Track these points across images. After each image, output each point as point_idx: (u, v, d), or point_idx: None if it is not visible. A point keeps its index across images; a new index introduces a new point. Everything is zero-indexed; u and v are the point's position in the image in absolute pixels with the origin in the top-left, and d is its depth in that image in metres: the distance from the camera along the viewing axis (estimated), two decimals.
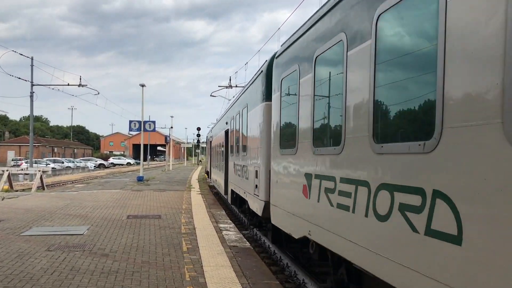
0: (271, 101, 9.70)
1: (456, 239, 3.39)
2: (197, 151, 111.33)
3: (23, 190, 28.06)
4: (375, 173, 4.69)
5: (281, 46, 9.05)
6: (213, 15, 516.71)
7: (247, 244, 10.53)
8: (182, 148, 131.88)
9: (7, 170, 27.94)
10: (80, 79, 39.00)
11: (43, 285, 6.79)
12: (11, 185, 27.56)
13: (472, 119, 3.29)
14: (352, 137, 5.28)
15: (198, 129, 58.05)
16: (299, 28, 7.75)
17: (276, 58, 9.26)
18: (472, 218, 3.26)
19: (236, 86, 33.52)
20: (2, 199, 18.80)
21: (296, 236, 7.56)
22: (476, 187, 3.22)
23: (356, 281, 5.97)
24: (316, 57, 6.52)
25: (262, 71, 10.67)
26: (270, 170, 9.50)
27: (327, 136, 6.21)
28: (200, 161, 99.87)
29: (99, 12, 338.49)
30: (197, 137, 61.18)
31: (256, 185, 10.76)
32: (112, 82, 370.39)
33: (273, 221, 9.30)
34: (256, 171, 10.76)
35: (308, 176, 6.83)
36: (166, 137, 67.95)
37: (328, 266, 6.79)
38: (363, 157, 4.96)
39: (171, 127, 69.10)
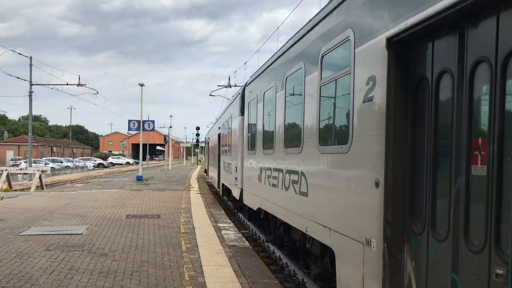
0: (244, 115, 13.18)
1: (306, 195, 6.73)
2: (196, 150, 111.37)
3: (22, 189, 28.03)
4: (285, 164, 7.94)
5: (250, 77, 12.53)
6: (212, 14, 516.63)
7: (247, 244, 10.53)
8: (181, 148, 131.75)
9: (6, 170, 27.90)
10: (79, 78, 38.96)
11: (42, 284, 6.78)
12: (10, 185, 27.54)
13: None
14: (278, 145, 8.61)
15: (197, 128, 57.94)
16: (260, 67, 11.02)
17: (246, 86, 12.97)
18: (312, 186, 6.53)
19: (235, 86, 33.52)
20: (1, 199, 18.78)
21: (255, 208, 11.19)
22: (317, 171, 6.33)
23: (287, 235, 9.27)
24: (264, 92, 9.98)
25: (239, 93, 14.28)
26: (243, 166, 12.94)
27: (268, 144, 9.54)
28: (200, 160, 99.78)
29: (98, 12, 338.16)
30: (196, 137, 61.19)
31: (236, 177, 14.12)
32: (111, 82, 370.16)
33: (244, 202, 12.83)
34: (236, 167, 14.12)
35: (260, 168, 10.20)
36: (165, 136, 67.93)
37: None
38: (280, 155, 8.33)
39: (170, 127, 69.11)
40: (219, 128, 22.45)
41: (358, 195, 4.88)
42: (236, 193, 14.31)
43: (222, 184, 19.98)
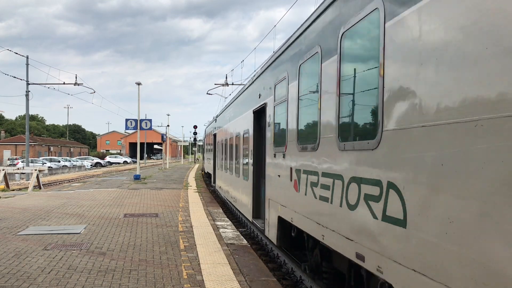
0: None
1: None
2: (194, 149, 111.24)
3: (20, 189, 27.98)
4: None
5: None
6: (209, 13, 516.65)
7: (244, 242, 10.55)
8: (179, 146, 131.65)
9: (3, 170, 27.84)
10: (76, 77, 38.86)
11: (40, 284, 6.79)
12: (7, 185, 27.49)
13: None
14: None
15: (195, 127, 58.08)
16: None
17: (206, 127, 29.71)
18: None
19: (233, 84, 33.48)
20: None
21: (206, 171, 29.00)
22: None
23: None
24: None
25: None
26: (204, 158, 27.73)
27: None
28: (197, 159, 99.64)
29: (95, 11, 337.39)
30: (193, 135, 61.17)
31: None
32: (108, 81, 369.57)
33: (205, 170, 33.25)
34: (204, 158, 29.31)
35: (205, 158, 27.86)
36: (162, 135, 67.82)
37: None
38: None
39: (168, 126, 69.11)
40: (211, 132, 26.18)
41: None
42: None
43: (209, 173, 25.02)
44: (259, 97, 11.16)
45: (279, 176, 8.68)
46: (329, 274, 6.82)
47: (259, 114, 11.39)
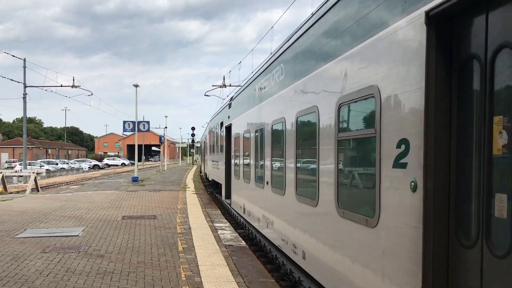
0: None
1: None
2: (192, 150, 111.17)
3: (18, 192, 27.91)
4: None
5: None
6: (207, 15, 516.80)
7: (243, 243, 10.55)
8: (177, 148, 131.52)
9: (0, 172, 27.78)
10: (73, 80, 38.83)
11: (39, 287, 6.78)
12: (5, 188, 27.42)
13: None
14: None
15: (193, 128, 58.11)
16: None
17: (209, 121, 30.95)
18: None
19: (230, 85, 33.47)
20: None
21: (210, 179, 27.89)
22: None
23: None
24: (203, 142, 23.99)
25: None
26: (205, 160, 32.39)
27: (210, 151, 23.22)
28: (195, 160, 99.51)
29: (93, 13, 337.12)
30: (191, 137, 61.16)
31: (205, 165, 34.53)
32: (106, 83, 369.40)
33: (209, 178, 29.13)
34: (205, 160, 33.96)
35: (209, 161, 28.71)
36: (160, 137, 67.82)
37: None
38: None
39: (166, 127, 69.05)
40: (206, 137, 29.48)
41: None
42: (206, 174, 30.21)
43: (205, 172, 31.43)
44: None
45: None
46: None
47: None
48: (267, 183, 9.83)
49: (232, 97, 17.44)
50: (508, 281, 2.97)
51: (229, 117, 17.44)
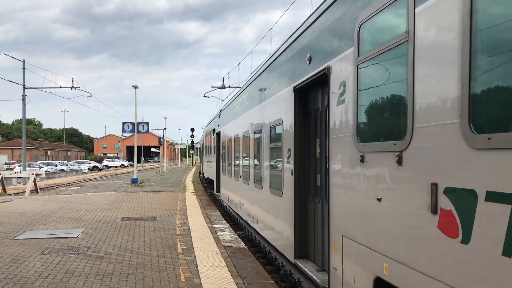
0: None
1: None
2: (191, 152, 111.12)
3: (17, 193, 27.88)
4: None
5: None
6: (206, 16, 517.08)
7: (242, 244, 10.55)
8: (176, 149, 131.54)
9: (0, 174, 27.77)
10: (73, 81, 38.82)
11: None
12: (4, 189, 27.40)
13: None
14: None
15: (192, 130, 57.89)
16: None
17: (205, 127, 33.41)
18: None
19: (229, 87, 33.50)
20: None
21: (206, 177, 32.11)
22: None
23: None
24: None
25: (204, 132, 30.33)
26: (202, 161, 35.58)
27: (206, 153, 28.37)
28: (195, 161, 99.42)
29: (92, 15, 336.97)
30: (191, 138, 61.13)
31: (203, 166, 37.64)
32: (105, 84, 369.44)
33: (205, 176, 33.05)
34: (203, 161, 35.85)
35: (205, 162, 32.41)
36: (159, 138, 67.81)
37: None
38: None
39: (165, 128, 69.16)
40: (203, 139, 32.24)
41: None
42: (204, 174, 29.94)
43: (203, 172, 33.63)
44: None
45: None
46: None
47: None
48: (240, 177, 13.51)
49: (221, 109, 21.31)
50: (324, 215, 6.53)
51: (218, 125, 21.44)
